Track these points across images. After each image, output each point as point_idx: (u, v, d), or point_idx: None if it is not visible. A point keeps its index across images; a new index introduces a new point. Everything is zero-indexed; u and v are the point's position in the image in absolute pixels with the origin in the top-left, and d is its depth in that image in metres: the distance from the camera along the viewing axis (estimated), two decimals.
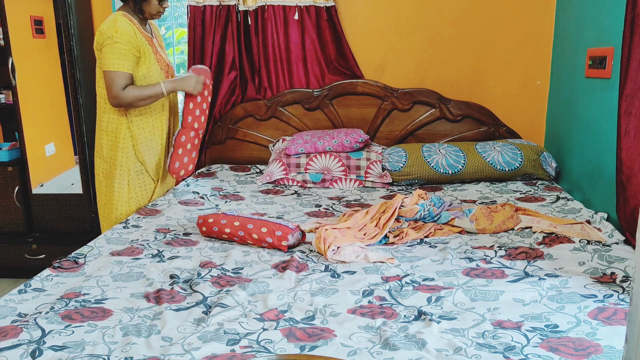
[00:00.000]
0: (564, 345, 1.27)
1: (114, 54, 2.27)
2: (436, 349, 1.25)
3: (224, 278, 1.67)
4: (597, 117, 2.39)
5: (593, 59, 2.42)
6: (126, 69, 2.30)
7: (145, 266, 1.77)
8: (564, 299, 1.49)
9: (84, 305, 1.49)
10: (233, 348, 1.27)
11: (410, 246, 1.96)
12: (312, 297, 1.53)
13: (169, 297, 1.53)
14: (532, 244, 1.91)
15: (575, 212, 2.23)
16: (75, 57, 3.11)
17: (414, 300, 1.51)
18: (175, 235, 2.09)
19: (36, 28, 3.25)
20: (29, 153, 3.24)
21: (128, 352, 1.25)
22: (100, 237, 2.06)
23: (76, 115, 3.19)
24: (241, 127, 3.27)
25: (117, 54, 2.27)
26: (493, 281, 1.62)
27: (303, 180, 2.82)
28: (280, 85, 3.25)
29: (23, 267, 3.31)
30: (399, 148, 2.88)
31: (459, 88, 3.20)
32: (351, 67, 3.21)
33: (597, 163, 2.36)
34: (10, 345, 1.28)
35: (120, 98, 2.29)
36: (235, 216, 2.02)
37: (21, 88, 3.14)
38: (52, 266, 1.76)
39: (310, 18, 3.15)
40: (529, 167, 2.73)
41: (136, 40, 2.33)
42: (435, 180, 2.78)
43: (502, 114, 3.15)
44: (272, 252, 1.90)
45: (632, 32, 1.83)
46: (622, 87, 1.89)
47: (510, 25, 3.11)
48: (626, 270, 1.65)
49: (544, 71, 3.13)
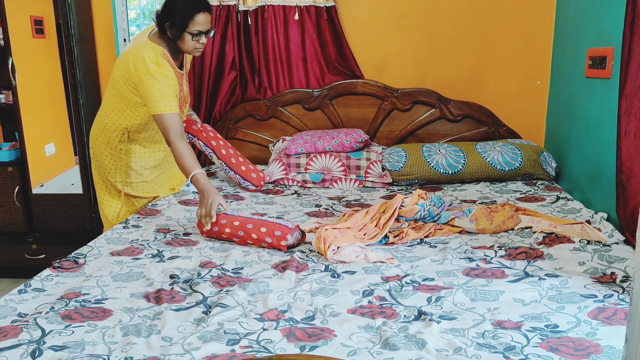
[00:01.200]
0: (564, 345, 1.27)
1: (163, 94, 2.16)
2: (436, 349, 1.25)
3: (224, 278, 1.67)
4: (597, 117, 2.39)
5: (593, 59, 2.42)
6: (176, 108, 2.20)
7: (145, 266, 1.77)
8: (564, 299, 1.49)
9: (84, 305, 1.49)
10: (233, 348, 1.27)
11: (410, 246, 1.96)
12: (312, 297, 1.53)
13: (169, 297, 1.53)
14: (532, 244, 1.91)
15: (575, 212, 2.23)
16: (75, 57, 3.11)
17: (414, 300, 1.51)
18: (175, 235, 2.09)
19: (36, 28, 3.25)
20: (29, 153, 3.24)
21: (128, 352, 1.25)
22: (100, 237, 2.06)
23: (76, 115, 3.19)
24: (241, 127, 3.27)
25: (167, 94, 2.16)
26: (493, 281, 1.62)
27: (303, 180, 2.82)
28: (280, 85, 3.25)
29: (23, 267, 3.31)
30: (399, 148, 2.88)
31: (459, 88, 3.20)
32: (351, 67, 3.21)
33: (597, 163, 2.36)
34: (10, 345, 1.28)
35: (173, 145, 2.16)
36: (235, 216, 2.02)
37: (21, 88, 3.14)
38: (52, 266, 1.76)
39: (310, 18, 3.15)
40: (529, 167, 2.73)
41: (174, 76, 2.24)
42: (435, 180, 2.78)
43: (502, 114, 3.15)
44: (272, 252, 1.90)
45: (632, 32, 1.83)
46: (622, 87, 1.89)
47: (510, 25, 3.11)
48: (626, 270, 1.65)
49: (544, 71, 3.13)
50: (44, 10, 3.27)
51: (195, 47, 2.22)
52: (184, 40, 2.19)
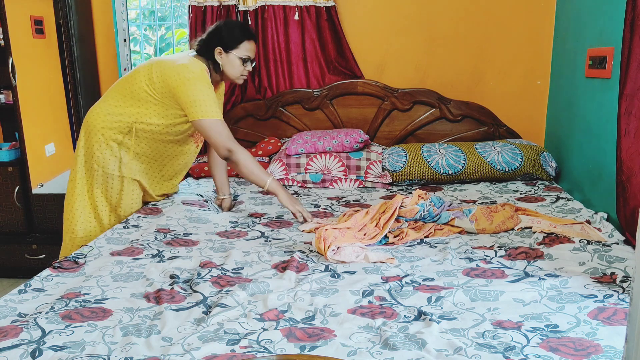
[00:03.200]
0: (564, 345, 1.27)
1: (211, 101, 2.16)
2: (436, 349, 1.25)
3: (224, 278, 1.67)
4: (597, 117, 2.39)
5: (593, 59, 2.42)
6: (221, 115, 2.22)
7: (145, 266, 1.77)
8: (564, 299, 1.49)
9: (84, 305, 1.49)
10: (233, 348, 1.27)
11: (410, 246, 1.96)
12: (312, 297, 1.53)
13: (169, 297, 1.53)
14: (532, 244, 1.91)
15: (575, 212, 2.23)
16: (75, 57, 3.11)
17: (414, 300, 1.51)
18: (175, 235, 2.09)
19: (36, 28, 3.25)
20: (29, 153, 3.24)
21: (128, 352, 1.25)
22: (101, 237, 2.06)
23: (76, 116, 3.19)
24: (241, 127, 3.27)
25: (212, 100, 2.17)
26: (493, 281, 1.62)
27: (303, 180, 2.82)
28: (280, 85, 3.25)
29: (23, 267, 3.32)
30: (399, 148, 2.88)
31: (459, 88, 3.20)
32: (351, 67, 3.21)
33: (597, 163, 2.36)
34: (10, 345, 1.28)
35: (233, 152, 2.17)
36: None
37: (21, 88, 3.14)
38: (52, 266, 1.76)
39: (310, 18, 3.15)
40: (529, 167, 2.73)
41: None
42: (435, 180, 2.78)
43: (502, 114, 3.15)
44: (272, 252, 1.90)
45: (632, 32, 1.83)
46: (622, 87, 1.89)
47: (510, 25, 3.11)
48: (626, 270, 1.65)
49: (544, 71, 3.13)
50: (44, 10, 3.27)
51: (242, 74, 2.30)
52: (232, 65, 2.26)
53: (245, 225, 2.22)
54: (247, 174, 2.22)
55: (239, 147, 2.20)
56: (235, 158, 2.19)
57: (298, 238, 2.05)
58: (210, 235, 2.10)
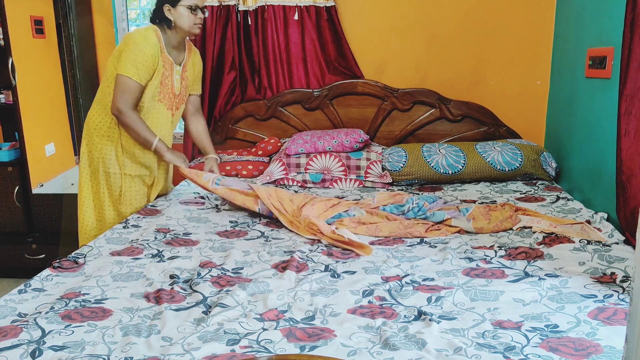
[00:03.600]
0: (564, 345, 1.27)
1: (134, 62, 2.25)
2: (436, 349, 1.25)
3: (224, 278, 1.67)
4: (597, 117, 2.39)
5: (593, 59, 2.42)
6: (140, 80, 2.28)
7: (145, 266, 1.77)
8: (564, 299, 1.49)
9: (84, 305, 1.49)
10: (233, 348, 1.27)
11: (410, 246, 1.96)
12: (312, 297, 1.53)
13: (169, 297, 1.53)
14: (532, 244, 1.91)
15: (575, 212, 2.23)
16: (75, 57, 3.11)
17: (414, 300, 1.51)
18: (175, 235, 2.09)
19: (36, 28, 3.25)
20: (29, 153, 3.23)
21: (128, 352, 1.25)
22: (100, 237, 2.06)
23: (76, 115, 3.19)
24: (241, 127, 3.27)
25: (137, 62, 2.26)
26: (493, 281, 1.62)
27: (303, 180, 2.82)
28: (280, 85, 3.25)
29: (23, 267, 3.31)
30: (399, 148, 2.88)
31: (459, 88, 3.20)
32: (351, 67, 3.21)
33: (597, 163, 2.36)
34: (10, 345, 1.28)
35: (122, 112, 2.28)
36: None
37: (21, 88, 3.14)
38: (52, 266, 1.76)
39: (310, 18, 3.15)
40: (529, 167, 2.73)
41: (157, 57, 2.31)
42: (435, 180, 2.78)
43: (502, 114, 3.15)
44: (272, 252, 1.90)
45: (632, 32, 1.83)
46: (622, 87, 1.89)
47: (510, 25, 3.11)
48: (626, 270, 1.65)
49: (544, 71, 3.13)
50: (44, 10, 3.27)
51: (195, 23, 2.36)
52: (182, 16, 2.33)
53: (245, 225, 2.22)
54: (135, 137, 2.35)
55: (130, 112, 2.29)
56: (123, 120, 2.30)
57: (298, 238, 2.05)
58: (210, 235, 2.10)
